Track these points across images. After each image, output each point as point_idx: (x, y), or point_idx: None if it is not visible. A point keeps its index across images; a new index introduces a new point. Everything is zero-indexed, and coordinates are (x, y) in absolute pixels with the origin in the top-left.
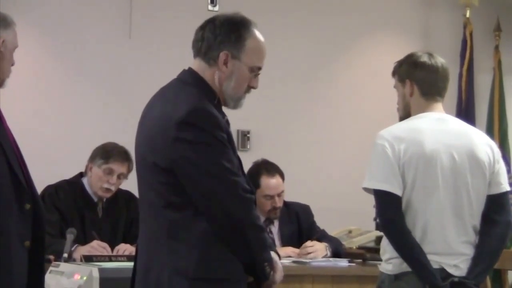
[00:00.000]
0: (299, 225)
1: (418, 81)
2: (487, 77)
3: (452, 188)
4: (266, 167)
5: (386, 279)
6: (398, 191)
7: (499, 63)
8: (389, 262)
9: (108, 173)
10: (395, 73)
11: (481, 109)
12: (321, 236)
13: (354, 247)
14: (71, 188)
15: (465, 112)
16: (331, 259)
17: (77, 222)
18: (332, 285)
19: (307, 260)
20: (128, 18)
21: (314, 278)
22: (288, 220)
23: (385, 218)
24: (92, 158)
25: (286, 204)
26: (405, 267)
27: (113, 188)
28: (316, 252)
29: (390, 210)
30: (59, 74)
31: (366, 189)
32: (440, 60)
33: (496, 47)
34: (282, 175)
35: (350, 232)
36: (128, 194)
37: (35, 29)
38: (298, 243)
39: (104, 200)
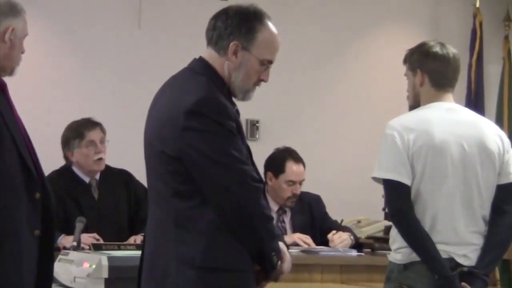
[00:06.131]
0: (312, 215)
1: (429, 71)
2: (496, 67)
3: (461, 178)
4: (291, 154)
5: (395, 269)
6: (407, 181)
7: (508, 53)
8: (398, 251)
9: (91, 144)
10: (406, 61)
11: (491, 99)
12: (341, 226)
13: (363, 237)
14: (62, 177)
15: (475, 102)
16: (340, 248)
17: (74, 209)
18: (341, 274)
19: (316, 249)
20: (138, 8)
21: (323, 268)
22: (300, 210)
23: (394, 207)
24: (66, 145)
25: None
26: (414, 257)
27: (102, 156)
28: (344, 242)
29: (399, 200)
30: (68, 64)
31: (375, 179)
32: (452, 51)
33: (506, 37)
34: (304, 164)
35: (359, 222)
36: (123, 172)
37: (44, 19)
38: (310, 234)
39: (97, 178)
